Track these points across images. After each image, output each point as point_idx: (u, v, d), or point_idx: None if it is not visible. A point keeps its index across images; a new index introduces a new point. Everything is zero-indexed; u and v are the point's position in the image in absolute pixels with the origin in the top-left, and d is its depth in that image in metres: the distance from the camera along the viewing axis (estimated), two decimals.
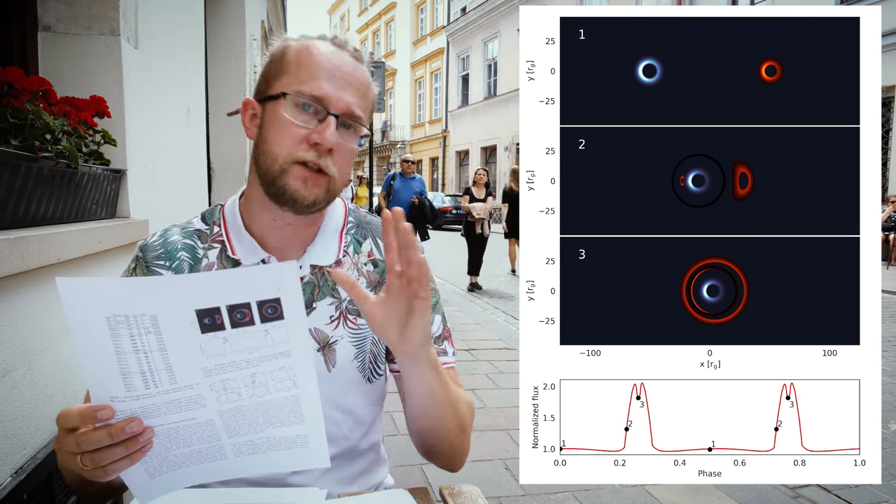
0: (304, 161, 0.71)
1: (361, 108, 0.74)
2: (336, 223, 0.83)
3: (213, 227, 0.82)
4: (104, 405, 0.55)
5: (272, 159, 0.72)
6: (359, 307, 0.65)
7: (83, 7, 1.52)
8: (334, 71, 0.72)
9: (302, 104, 0.71)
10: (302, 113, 0.71)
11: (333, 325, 0.79)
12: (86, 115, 1.35)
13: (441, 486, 0.78)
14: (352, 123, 0.73)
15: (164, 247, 0.80)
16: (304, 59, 0.72)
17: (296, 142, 0.71)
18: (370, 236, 0.85)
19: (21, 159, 1.08)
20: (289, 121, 0.71)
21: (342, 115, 0.72)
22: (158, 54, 1.92)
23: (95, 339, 0.52)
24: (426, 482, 2.12)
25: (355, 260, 0.83)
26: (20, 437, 1.05)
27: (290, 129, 0.71)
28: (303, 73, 0.71)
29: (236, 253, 0.79)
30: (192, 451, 0.58)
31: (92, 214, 1.46)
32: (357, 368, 0.81)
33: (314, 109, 0.71)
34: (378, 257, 0.84)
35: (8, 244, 0.96)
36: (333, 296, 0.80)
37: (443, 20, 24.20)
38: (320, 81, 0.71)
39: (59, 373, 1.21)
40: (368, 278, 0.82)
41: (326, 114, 0.71)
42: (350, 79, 0.73)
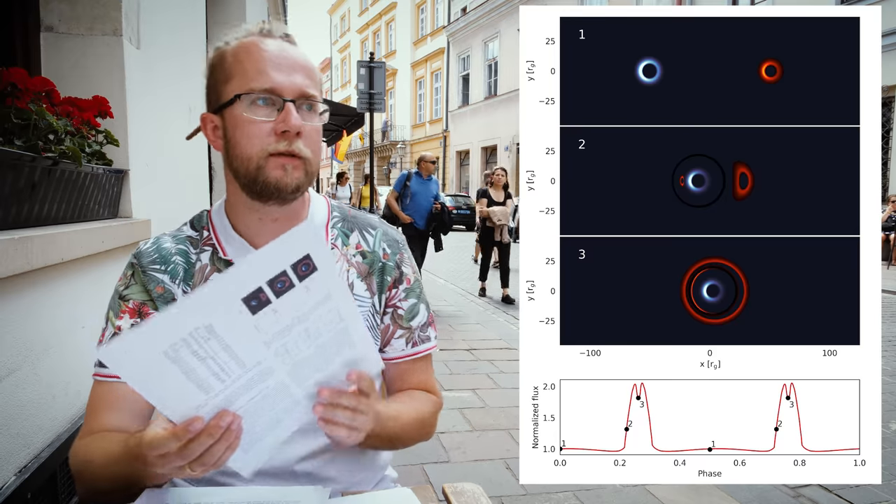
0: (277, 152, 0.73)
1: (313, 87, 0.76)
2: (321, 217, 0.86)
3: (203, 232, 0.84)
4: (193, 418, 0.58)
5: (247, 159, 0.74)
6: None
7: (85, 7, 1.53)
8: (277, 60, 0.74)
9: (257, 100, 0.73)
10: (260, 108, 0.73)
11: None
12: (88, 116, 1.35)
13: (444, 485, 0.78)
14: (310, 104, 0.76)
15: (158, 252, 0.82)
16: (245, 58, 0.74)
17: (264, 136, 0.73)
18: (357, 229, 0.88)
19: (25, 159, 1.08)
20: (250, 119, 0.72)
21: (298, 99, 0.74)
22: (160, 54, 1.92)
23: (162, 375, 0.54)
24: (428, 481, 2.13)
25: (344, 252, 0.85)
26: (24, 437, 1.06)
27: (255, 127, 0.73)
28: (248, 71, 0.73)
29: (227, 254, 0.81)
30: (274, 415, 0.63)
31: (95, 214, 1.46)
32: None
33: (270, 101, 0.73)
34: (366, 248, 0.86)
35: (12, 244, 0.97)
36: None
37: (443, 20, 24.20)
38: (268, 73, 0.73)
39: (63, 372, 1.21)
40: (358, 269, 0.85)
41: (283, 102, 0.72)
42: (293, 63, 0.75)
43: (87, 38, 1.54)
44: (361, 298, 0.84)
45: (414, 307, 0.88)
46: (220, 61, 0.76)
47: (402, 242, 0.90)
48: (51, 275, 1.16)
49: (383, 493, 0.78)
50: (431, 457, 2.30)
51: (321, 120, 0.77)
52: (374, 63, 8.18)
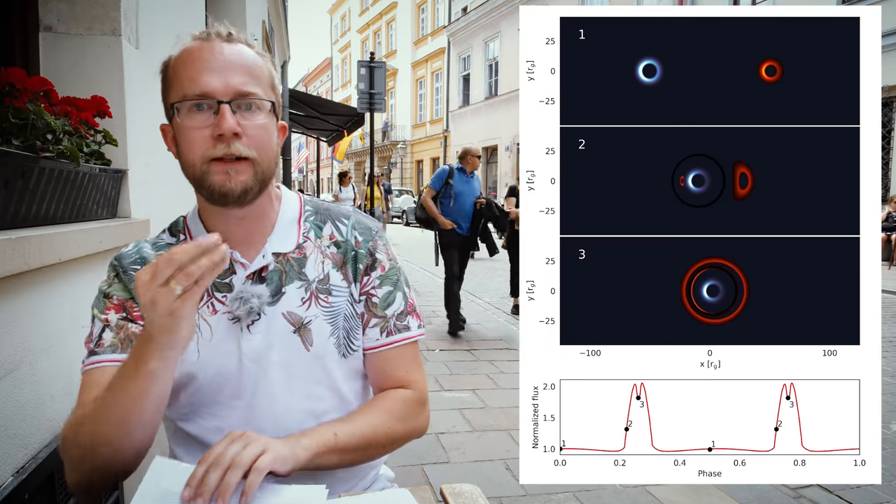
0: (217, 157, 0.73)
1: (253, 83, 0.75)
2: (293, 212, 0.86)
3: (180, 237, 0.86)
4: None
5: (190, 166, 0.75)
6: None
7: (84, 7, 1.52)
8: (209, 63, 0.73)
9: (193, 107, 0.73)
10: (198, 114, 0.73)
11: (305, 305, 0.82)
12: (87, 115, 1.35)
13: (442, 485, 0.78)
14: (249, 102, 0.74)
15: (138, 254, 0.84)
16: (180, 66, 0.75)
17: (203, 143, 0.73)
18: (329, 220, 0.88)
19: (23, 159, 1.08)
20: (188, 126, 0.73)
21: (234, 99, 0.73)
22: (159, 54, 1.92)
23: None
24: (427, 482, 2.12)
25: (318, 244, 0.86)
26: (22, 437, 1.05)
27: (193, 134, 0.73)
28: (182, 78, 0.74)
29: None
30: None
31: (93, 214, 1.46)
32: (333, 344, 0.84)
33: (206, 106, 0.73)
34: (339, 238, 0.87)
35: (10, 244, 0.97)
36: (301, 279, 0.83)
37: (444, 20, 24.21)
38: (199, 78, 0.72)
39: (61, 372, 1.21)
40: (333, 259, 0.86)
41: (217, 104, 0.72)
42: (227, 62, 0.74)
43: (86, 38, 1.53)
44: (338, 288, 0.85)
45: (389, 295, 0.86)
46: (165, 72, 0.77)
47: (377, 230, 0.90)
48: (49, 275, 1.16)
49: (381, 494, 0.78)
50: (431, 457, 2.30)
51: (267, 117, 0.76)
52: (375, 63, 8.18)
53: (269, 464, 0.65)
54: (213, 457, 0.65)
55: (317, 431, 0.76)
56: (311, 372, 0.82)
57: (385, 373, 0.87)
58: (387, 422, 0.82)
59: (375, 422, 0.81)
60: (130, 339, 0.80)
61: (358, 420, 0.81)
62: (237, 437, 0.68)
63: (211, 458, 0.65)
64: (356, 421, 0.80)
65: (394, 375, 0.87)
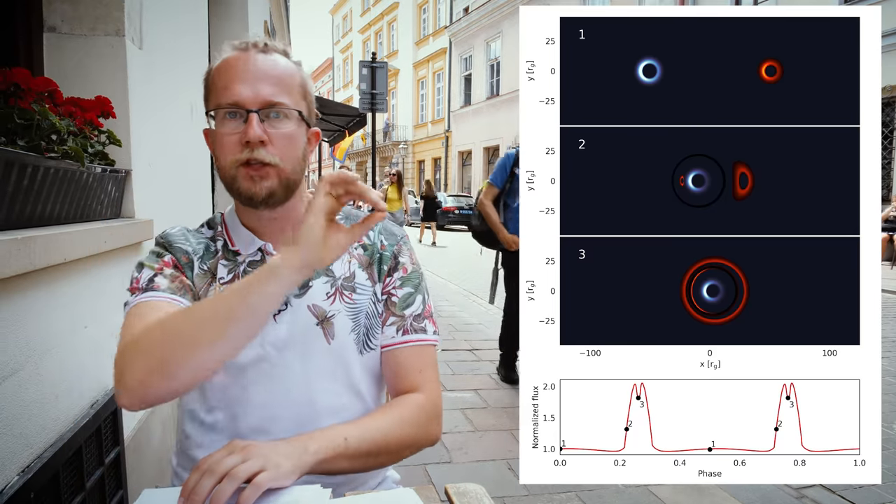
0: (244, 161, 0.77)
1: (282, 93, 0.79)
2: None
3: (217, 229, 0.91)
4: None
5: (223, 170, 0.80)
6: None
7: (88, 8, 1.53)
8: (242, 73, 0.78)
9: (226, 114, 0.78)
10: (230, 121, 0.78)
11: (330, 300, 0.86)
12: (91, 116, 1.36)
13: (446, 485, 0.78)
14: (277, 111, 0.78)
15: (185, 235, 0.89)
16: (217, 75, 0.80)
17: (232, 148, 0.78)
18: None
19: (28, 160, 1.09)
20: (222, 133, 0.78)
21: (263, 108, 0.77)
22: (163, 54, 1.93)
23: None
24: (430, 481, 2.13)
25: None
26: (27, 437, 1.06)
27: (226, 140, 0.78)
28: (219, 87, 0.79)
29: (235, 245, 0.87)
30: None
31: (97, 214, 1.47)
32: (353, 340, 0.86)
33: (238, 114, 0.78)
34: (367, 241, 0.90)
35: (15, 244, 0.97)
36: (327, 275, 0.87)
37: (445, 20, 24.20)
38: (233, 87, 0.77)
39: (66, 372, 1.22)
40: (359, 260, 0.89)
41: (247, 113, 0.77)
42: (259, 73, 0.78)
43: (90, 39, 1.54)
44: (363, 286, 0.88)
45: (409, 296, 0.89)
46: (207, 80, 0.83)
47: (402, 236, 0.94)
48: (53, 275, 1.17)
49: (385, 494, 0.78)
50: (433, 457, 2.30)
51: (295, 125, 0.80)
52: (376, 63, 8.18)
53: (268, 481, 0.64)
54: (208, 465, 0.64)
55: (326, 435, 0.75)
56: (330, 365, 0.84)
57: (399, 372, 0.87)
58: (399, 428, 0.81)
59: (387, 428, 0.80)
60: (184, 289, 0.81)
61: (369, 425, 0.80)
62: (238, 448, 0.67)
63: (205, 465, 0.64)
64: (368, 426, 0.79)
65: (408, 376, 0.87)
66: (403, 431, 0.81)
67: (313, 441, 0.73)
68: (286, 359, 0.82)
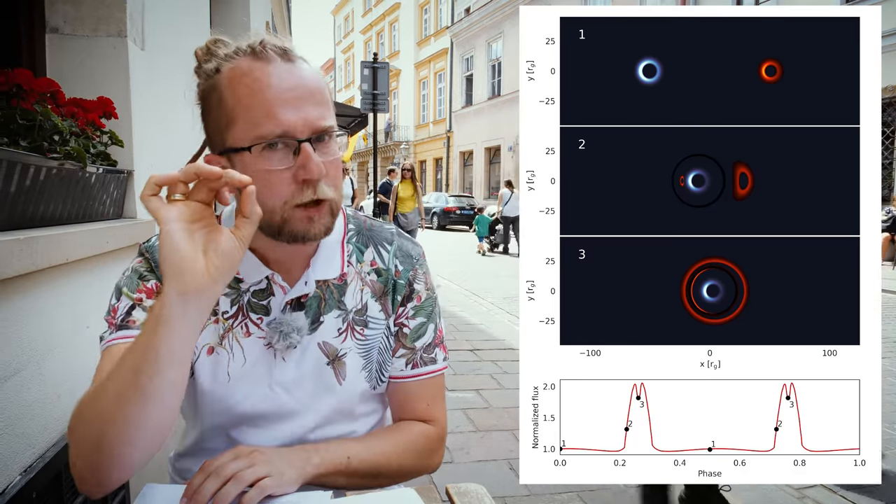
0: (302, 203, 0.67)
1: (326, 113, 0.68)
2: (337, 233, 0.80)
3: None
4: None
5: (270, 212, 0.67)
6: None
7: (90, 9, 1.54)
8: (282, 93, 0.65)
9: (269, 145, 0.65)
10: (274, 153, 0.65)
11: (342, 337, 0.80)
12: (93, 117, 1.36)
13: (447, 485, 0.78)
14: (328, 135, 0.68)
15: None
16: (245, 95, 0.65)
17: (284, 188, 0.66)
18: (371, 244, 0.84)
19: (30, 160, 1.09)
20: (267, 170, 0.65)
21: (314, 135, 0.66)
22: (165, 55, 1.93)
23: None
24: (431, 481, 2.13)
25: (358, 269, 0.82)
26: (29, 437, 1.06)
27: (273, 177, 0.66)
28: (254, 113, 0.65)
29: (239, 272, 0.76)
30: None
31: (99, 215, 1.47)
32: (365, 378, 0.82)
33: (283, 143, 0.65)
34: (381, 266, 0.82)
35: (18, 244, 0.98)
36: (339, 308, 0.80)
37: (447, 21, 24.20)
38: (276, 114, 0.64)
39: (68, 372, 1.22)
40: (373, 288, 0.82)
41: (297, 143, 0.65)
42: (300, 92, 0.66)
43: (92, 40, 1.55)
44: (375, 320, 0.82)
45: (421, 327, 0.84)
46: (214, 94, 0.68)
47: (417, 257, 0.85)
48: (55, 275, 1.17)
49: (386, 494, 0.78)
50: None
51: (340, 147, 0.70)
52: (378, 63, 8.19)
53: (271, 488, 0.64)
54: (214, 467, 0.64)
55: (330, 450, 0.74)
56: (339, 406, 0.81)
57: (406, 405, 0.85)
58: (401, 454, 0.80)
59: (390, 452, 0.79)
60: None
61: (373, 446, 0.78)
62: (244, 453, 0.66)
63: (211, 468, 0.64)
64: (371, 447, 0.78)
65: (415, 408, 0.85)
66: (404, 459, 0.80)
67: (318, 454, 0.72)
68: (296, 399, 0.78)
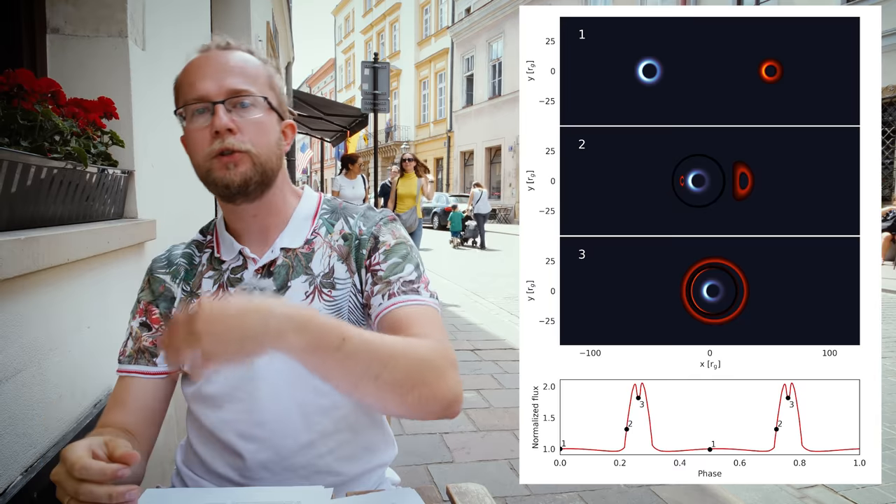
0: (217, 153, 0.77)
1: (246, 82, 0.79)
2: (308, 210, 0.89)
3: (208, 237, 0.92)
4: (125, 463, 0.59)
5: (197, 166, 0.80)
6: None
7: (91, 9, 1.54)
8: (203, 69, 0.79)
9: (194, 111, 0.78)
10: (199, 118, 0.78)
11: (308, 300, 0.84)
12: (94, 117, 1.36)
13: (447, 485, 0.78)
14: (243, 99, 0.78)
15: (167, 258, 0.91)
16: (183, 77, 0.81)
17: (203, 142, 0.78)
18: (342, 217, 0.90)
19: (31, 160, 1.10)
20: (192, 129, 0.79)
21: (228, 98, 0.77)
22: (165, 56, 1.94)
23: None
24: (432, 481, 2.13)
25: (327, 239, 0.88)
26: (30, 437, 1.07)
27: (196, 136, 0.78)
28: (184, 87, 0.80)
29: (220, 252, 0.88)
30: None
31: (100, 215, 1.47)
32: None
33: (203, 108, 0.78)
34: (347, 231, 0.87)
35: (19, 244, 0.98)
36: (306, 273, 0.85)
37: (447, 21, 24.21)
38: (196, 84, 0.78)
39: (69, 372, 1.22)
40: (339, 252, 0.86)
41: (213, 105, 0.77)
42: (220, 66, 0.79)
43: (93, 40, 1.55)
44: (342, 281, 0.84)
45: (396, 266, 0.81)
46: (175, 87, 0.83)
47: (383, 217, 0.88)
48: (57, 275, 1.17)
49: (387, 494, 0.79)
50: (435, 457, 2.31)
51: (264, 113, 0.79)
52: (378, 64, 8.19)
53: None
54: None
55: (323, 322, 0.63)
56: None
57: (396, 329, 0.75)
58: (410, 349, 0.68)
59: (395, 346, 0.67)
60: (141, 352, 0.84)
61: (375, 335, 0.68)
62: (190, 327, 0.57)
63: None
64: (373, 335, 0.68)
65: (410, 328, 0.75)
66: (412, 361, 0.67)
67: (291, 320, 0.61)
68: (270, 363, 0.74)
